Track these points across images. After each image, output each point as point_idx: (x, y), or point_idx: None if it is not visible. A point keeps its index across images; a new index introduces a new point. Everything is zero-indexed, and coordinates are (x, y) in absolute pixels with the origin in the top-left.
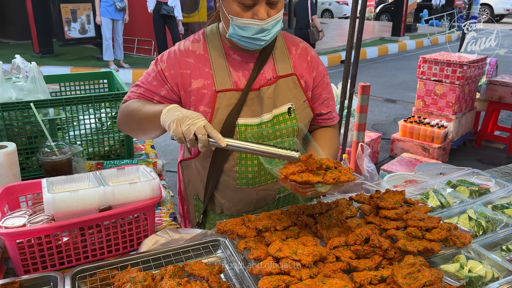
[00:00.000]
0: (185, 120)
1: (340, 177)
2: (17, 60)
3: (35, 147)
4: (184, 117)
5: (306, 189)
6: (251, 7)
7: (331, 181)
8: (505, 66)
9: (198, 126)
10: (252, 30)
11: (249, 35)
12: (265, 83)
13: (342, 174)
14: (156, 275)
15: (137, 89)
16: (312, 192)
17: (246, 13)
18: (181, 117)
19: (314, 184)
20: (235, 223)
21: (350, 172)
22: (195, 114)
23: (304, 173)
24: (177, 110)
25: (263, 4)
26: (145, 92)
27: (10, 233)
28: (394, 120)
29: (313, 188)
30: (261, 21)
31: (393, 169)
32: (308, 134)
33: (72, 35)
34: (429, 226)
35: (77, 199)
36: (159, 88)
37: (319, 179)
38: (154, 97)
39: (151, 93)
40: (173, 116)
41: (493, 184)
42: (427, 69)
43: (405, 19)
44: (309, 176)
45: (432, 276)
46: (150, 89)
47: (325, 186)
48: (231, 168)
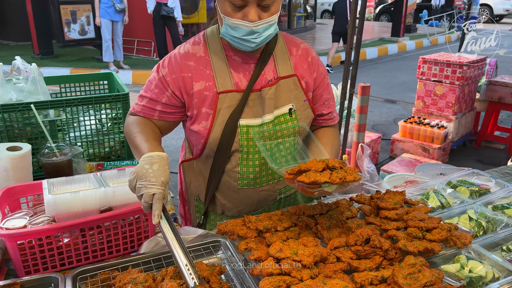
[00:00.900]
0: (142, 179)
1: (346, 177)
2: (17, 61)
3: (35, 149)
4: (144, 175)
5: (314, 189)
6: (241, 8)
7: (337, 181)
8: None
9: (147, 192)
10: (242, 31)
11: (239, 35)
12: (266, 84)
13: (348, 174)
14: (157, 276)
15: (141, 101)
16: (319, 191)
17: (237, 13)
18: (142, 173)
19: (321, 184)
20: (236, 224)
21: (355, 171)
22: (156, 179)
23: (311, 173)
24: (148, 163)
25: (254, 6)
26: (148, 103)
27: (11, 234)
28: (394, 121)
29: (320, 188)
30: (251, 23)
31: (393, 169)
32: (311, 133)
33: (72, 36)
34: (430, 227)
35: (77, 200)
36: (160, 96)
37: (326, 179)
38: (156, 107)
39: (153, 102)
40: (139, 168)
41: (493, 185)
42: (427, 70)
43: (405, 20)
44: (316, 176)
45: (433, 277)
46: (152, 97)
47: (331, 186)
48: (233, 168)
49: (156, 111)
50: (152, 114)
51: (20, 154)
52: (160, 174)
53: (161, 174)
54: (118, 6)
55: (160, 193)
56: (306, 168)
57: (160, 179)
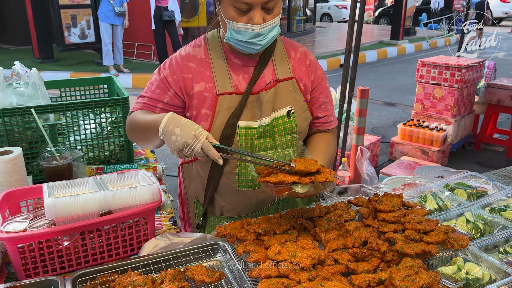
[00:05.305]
0: (184, 150)
1: (317, 178)
2: (17, 67)
3: (35, 152)
4: (183, 145)
5: (283, 190)
6: (246, 12)
7: (306, 181)
8: (503, 69)
9: (201, 138)
10: (248, 35)
11: (245, 39)
12: (265, 87)
13: (321, 176)
14: (156, 279)
15: (141, 100)
16: (288, 193)
17: (242, 17)
18: (179, 147)
19: (291, 184)
20: (235, 226)
21: (330, 174)
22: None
23: (278, 173)
24: (176, 117)
25: (259, 9)
26: (149, 101)
27: (11, 238)
28: (393, 124)
29: (290, 189)
30: (257, 26)
31: (393, 172)
32: (303, 147)
33: (72, 40)
34: (427, 229)
35: (77, 204)
36: (162, 96)
37: (294, 179)
38: (157, 105)
39: (154, 101)
40: (174, 119)
41: (491, 187)
42: (425, 73)
43: (404, 23)
44: (284, 176)
45: (430, 279)
46: (153, 97)
47: (303, 187)
48: (231, 170)
49: (158, 108)
50: (153, 110)
51: (11, 157)
52: (192, 123)
53: (192, 123)
54: (118, 9)
55: (207, 134)
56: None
57: (195, 129)
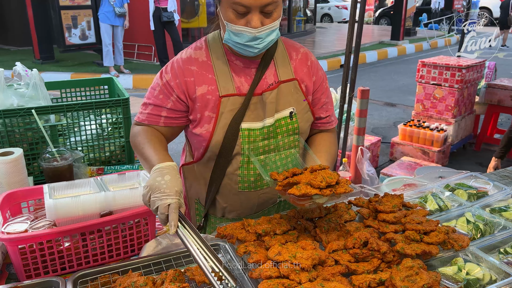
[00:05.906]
0: (156, 192)
1: (337, 189)
2: (18, 67)
3: (36, 153)
4: (157, 187)
5: (305, 201)
6: (244, 15)
7: (328, 193)
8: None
9: (162, 203)
10: (245, 37)
11: (242, 41)
12: (267, 88)
13: (340, 186)
14: (157, 280)
15: (145, 109)
16: (310, 203)
17: (240, 20)
18: (156, 186)
19: (312, 196)
20: (235, 227)
21: (347, 183)
22: (169, 190)
23: (301, 185)
24: (159, 175)
25: (257, 12)
26: (152, 110)
27: (12, 239)
28: (393, 124)
29: (311, 200)
30: (254, 29)
31: (393, 172)
32: (307, 146)
33: (72, 41)
34: (427, 230)
35: (78, 205)
36: (165, 101)
37: (316, 191)
38: (161, 113)
39: (158, 108)
40: (151, 181)
41: (491, 187)
42: (426, 73)
43: (404, 23)
44: (307, 188)
45: (430, 279)
46: (156, 103)
47: (322, 198)
48: (234, 171)
49: (162, 117)
50: (157, 121)
51: (11, 158)
52: (173, 184)
53: (174, 185)
54: (118, 10)
55: (175, 202)
56: (295, 181)
57: (173, 189)
